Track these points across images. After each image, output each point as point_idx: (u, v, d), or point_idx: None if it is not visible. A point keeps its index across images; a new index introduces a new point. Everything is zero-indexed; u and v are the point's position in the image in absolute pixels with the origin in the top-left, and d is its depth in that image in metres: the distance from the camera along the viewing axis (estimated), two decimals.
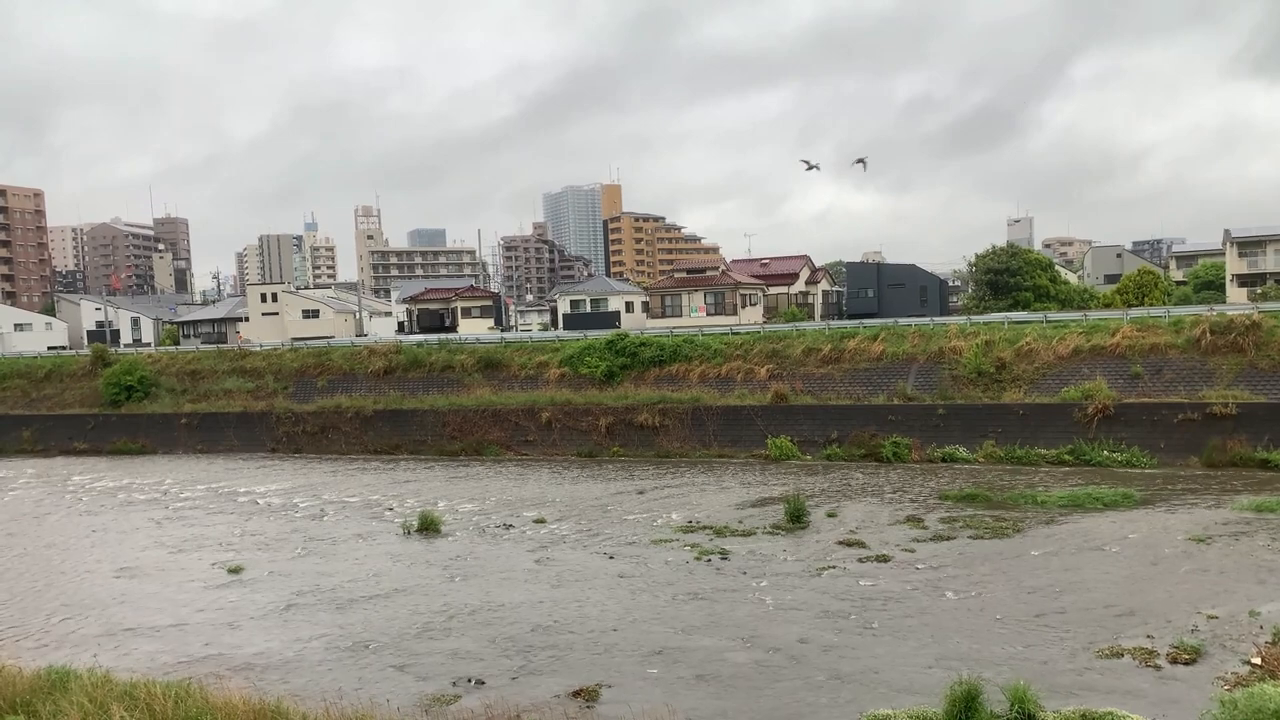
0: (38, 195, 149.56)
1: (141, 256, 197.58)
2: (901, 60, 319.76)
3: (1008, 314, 47.30)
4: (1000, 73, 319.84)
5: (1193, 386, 34.57)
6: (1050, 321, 41.58)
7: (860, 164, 60.90)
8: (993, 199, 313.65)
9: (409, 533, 26.22)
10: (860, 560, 21.39)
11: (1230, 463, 31.31)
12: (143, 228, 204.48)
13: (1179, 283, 77.08)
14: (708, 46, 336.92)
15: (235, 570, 22.71)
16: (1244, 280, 64.82)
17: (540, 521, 27.17)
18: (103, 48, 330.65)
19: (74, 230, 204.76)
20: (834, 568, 20.89)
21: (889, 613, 17.49)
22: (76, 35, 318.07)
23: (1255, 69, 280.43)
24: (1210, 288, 68.38)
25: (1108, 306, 58.88)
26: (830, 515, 26.27)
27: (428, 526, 26.32)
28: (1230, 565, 19.87)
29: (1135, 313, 41.88)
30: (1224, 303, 52.97)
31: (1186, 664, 14.29)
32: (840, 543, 23.05)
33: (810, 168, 56.68)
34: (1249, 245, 66.21)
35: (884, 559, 21.38)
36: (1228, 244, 67.75)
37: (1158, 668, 14.24)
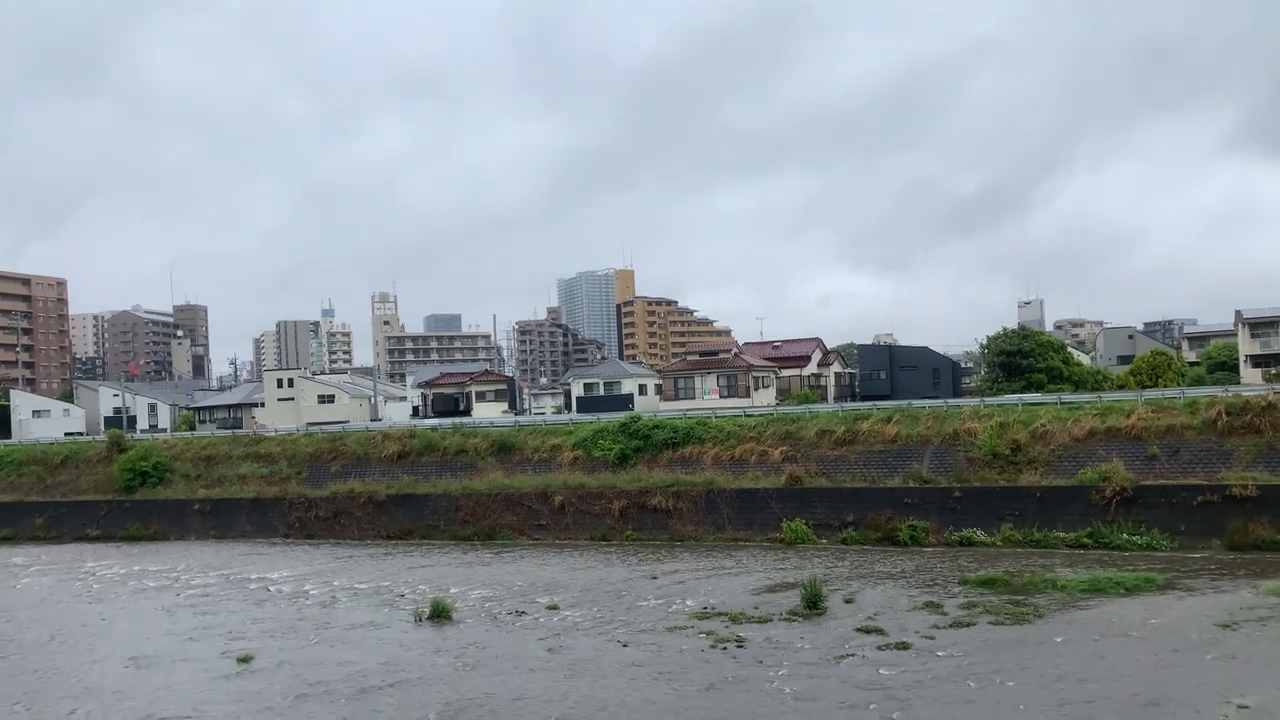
0: (61, 284, 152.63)
1: (160, 343, 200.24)
2: (904, 142, 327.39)
3: (1021, 396, 47.24)
4: (1003, 153, 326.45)
5: (1211, 468, 34.23)
6: (1064, 403, 41.49)
7: None
8: (999, 280, 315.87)
9: (420, 620, 25.93)
10: (880, 648, 21.00)
11: (1253, 546, 30.81)
12: (162, 315, 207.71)
13: (1192, 363, 76.85)
14: (715, 131, 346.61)
15: (245, 659, 22.45)
16: (1257, 361, 64.59)
17: (553, 608, 26.85)
18: (121, 138, 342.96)
19: (95, 318, 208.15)
20: (853, 656, 20.51)
21: (910, 702, 17.11)
22: (89, 125, 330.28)
23: (1254, 142, 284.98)
24: (1224, 368, 68.10)
25: (1121, 388, 58.69)
26: (848, 601, 25.88)
27: (439, 614, 26.01)
28: (1259, 652, 19.43)
29: (1150, 394, 41.79)
30: (1238, 383, 52.70)
31: None
32: (859, 630, 22.67)
33: None
34: (1261, 326, 66.20)
35: (904, 646, 20.99)
36: (1239, 325, 67.77)
37: None
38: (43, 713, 18.96)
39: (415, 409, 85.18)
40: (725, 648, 21.57)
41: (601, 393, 72.32)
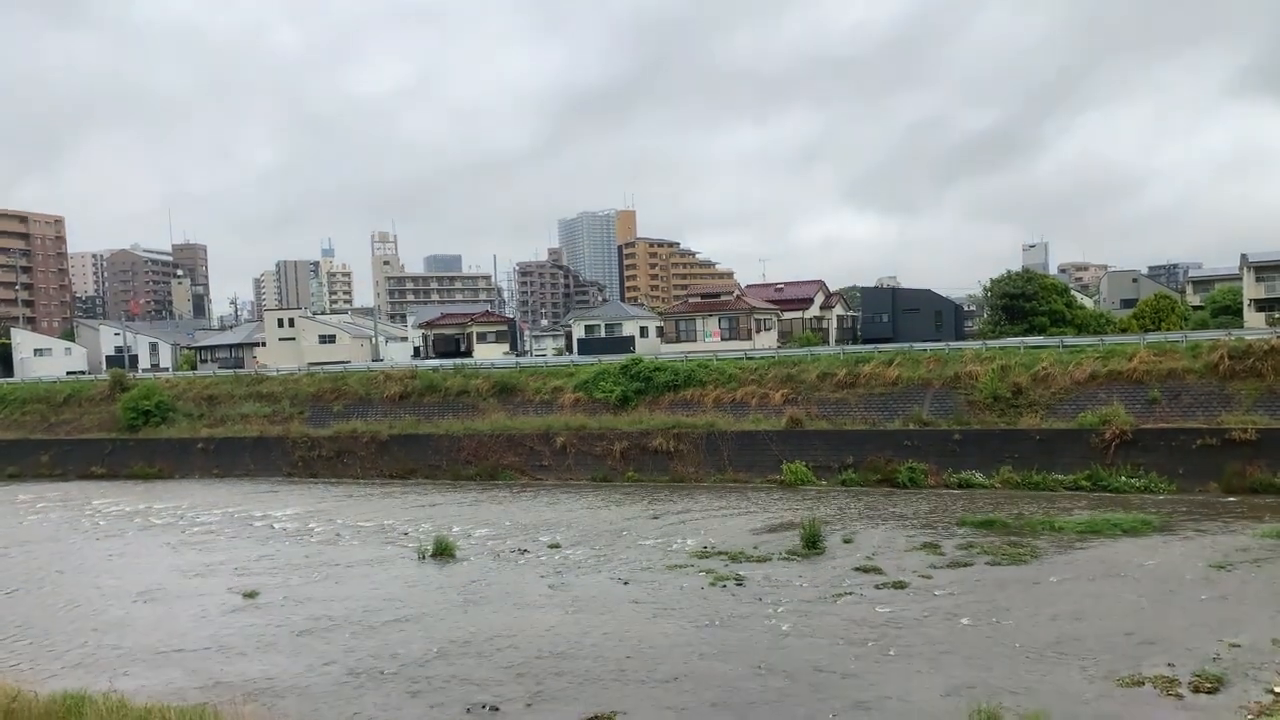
0: (59, 222, 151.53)
1: (160, 282, 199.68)
2: (907, 83, 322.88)
3: (1024, 339, 47.09)
4: (1009, 94, 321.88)
5: (1211, 412, 34.29)
6: (1067, 346, 41.40)
7: None
8: (1004, 223, 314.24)
9: (424, 557, 26.23)
10: (877, 586, 21.24)
11: (1250, 489, 31.00)
12: (162, 254, 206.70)
13: (1196, 307, 76.49)
14: (716, 69, 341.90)
15: (251, 595, 22.76)
16: (1261, 305, 64.27)
17: (555, 546, 27.14)
18: (113, 72, 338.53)
19: (94, 256, 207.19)
20: (851, 594, 20.76)
21: (906, 640, 17.35)
22: (88, 59, 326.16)
23: (1263, 85, 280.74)
24: (1227, 312, 67.81)
25: (1124, 331, 58.48)
26: (846, 541, 26.13)
27: (442, 551, 26.31)
28: (1251, 593, 19.63)
29: (1152, 337, 41.66)
30: (1242, 327, 52.51)
31: (1209, 693, 14.10)
32: (857, 569, 22.91)
33: None
34: (1266, 269, 65.69)
35: (901, 585, 21.23)
36: (1244, 268, 67.27)
37: (1179, 696, 14.07)
38: (56, 645, 19.26)
39: (416, 350, 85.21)
40: (724, 585, 21.82)
41: (603, 335, 72.20)
